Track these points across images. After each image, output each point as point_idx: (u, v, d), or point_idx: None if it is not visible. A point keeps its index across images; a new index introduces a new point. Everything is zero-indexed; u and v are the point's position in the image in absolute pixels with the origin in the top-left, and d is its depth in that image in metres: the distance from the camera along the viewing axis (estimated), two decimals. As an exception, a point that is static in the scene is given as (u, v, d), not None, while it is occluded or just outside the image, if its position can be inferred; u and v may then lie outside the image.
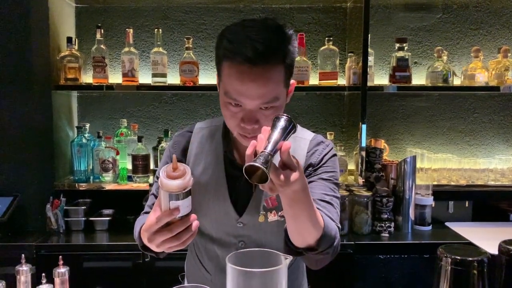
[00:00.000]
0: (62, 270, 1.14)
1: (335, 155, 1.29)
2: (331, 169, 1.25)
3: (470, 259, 0.87)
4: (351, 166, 2.60)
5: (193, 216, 1.02)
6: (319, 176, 1.23)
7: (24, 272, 1.14)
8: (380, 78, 2.70)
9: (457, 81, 2.54)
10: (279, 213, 1.21)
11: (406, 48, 2.47)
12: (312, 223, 1.04)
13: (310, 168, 1.24)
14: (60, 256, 1.12)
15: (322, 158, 1.25)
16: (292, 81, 1.17)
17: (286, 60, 1.08)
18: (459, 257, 0.87)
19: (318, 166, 1.24)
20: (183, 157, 1.30)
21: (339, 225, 1.19)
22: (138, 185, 2.41)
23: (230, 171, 1.26)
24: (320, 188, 1.20)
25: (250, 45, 1.01)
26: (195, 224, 1.03)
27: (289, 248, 1.11)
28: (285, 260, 0.94)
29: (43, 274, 1.13)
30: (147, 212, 1.32)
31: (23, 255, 1.13)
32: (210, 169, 1.27)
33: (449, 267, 0.88)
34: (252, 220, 1.23)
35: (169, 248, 1.05)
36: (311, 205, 1.02)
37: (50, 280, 1.22)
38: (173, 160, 0.99)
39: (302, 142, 1.28)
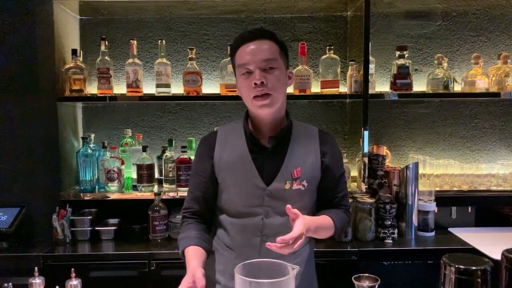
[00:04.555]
0: (74, 282, 1.16)
1: (339, 147, 1.64)
2: (341, 162, 1.61)
3: (474, 268, 0.89)
4: (354, 173, 2.62)
5: None
6: (337, 173, 1.56)
7: (37, 285, 1.16)
8: (381, 86, 2.72)
9: (457, 88, 2.56)
10: (302, 182, 1.47)
11: (406, 55, 2.50)
12: (326, 233, 1.49)
13: (327, 156, 1.53)
14: (73, 269, 1.14)
15: (334, 152, 1.56)
16: (289, 70, 1.53)
17: (278, 41, 1.46)
18: (463, 266, 0.89)
19: (333, 159, 1.55)
20: (211, 151, 1.54)
21: (349, 204, 1.63)
22: (143, 194, 2.43)
23: (254, 149, 1.49)
24: (339, 185, 1.58)
25: (248, 32, 1.46)
26: None
27: None
28: (293, 271, 0.97)
29: (57, 287, 1.15)
30: (187, 215, 1.56)
31: (36, 267, 1.15)
32: (235, 150, 1.50)
33: (453, 276, 0.89)
34: (278, 187, 1.46)
35: None
36: (322, 229, 1.46)
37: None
38: None
39: (313, 130, 1.58)
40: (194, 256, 1.39)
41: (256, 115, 1.49)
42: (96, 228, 2.38)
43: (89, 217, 2.39)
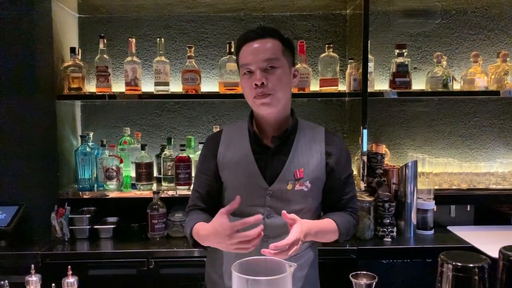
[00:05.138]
0: (71, 280, 1.16)
1: (346, 147, 1.61)
2: (348, 163, 1.56)
3: (471, 265, 0.89)
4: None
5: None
6: (343, 175, 1.52)
7: (34, 283, 1.16)
8: (380, 84, 2.72)
9: (456, 86, 2.56)
10: (305, 183, 1.45)
11: (405, 54, 2.50)
12: (330, 237, 1.46)
13: (333, 157, 1.50)
14: (69, 266, 1.14)
15: (340, 152, 1.52)
16: (295, 68, 1.50)
17: (282, 38, 1.44)
18: (460, 264, 0.89)
19: (339, 160, 1.51)
20: (215, 150, 1.54)
21: (356, 206, 1.58)
22: (142, 192, 2.43)
23: (257, 149, 1.48)
24: (346, 187, 1.54)
25: (251, 31, 1.44)
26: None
27: None
28: (290, 268, 0.96)
29: (53, 285, 1.15)
30: (192, 209, 1.56)
31: (32, 265, 1.15)
32: (239, 150, 1.50)
33: (451, 274, 0.89)
34: (281, 187, 1.45)
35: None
36: (324, 232, 1.43)
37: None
38: None
39: (319, 130, 1.55)
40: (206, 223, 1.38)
41: (260, 115, 1.48)
42: (95, 227, 2.38)
43: (87, 216, 2.38)
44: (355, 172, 2.58)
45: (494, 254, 1.02)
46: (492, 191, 2.49)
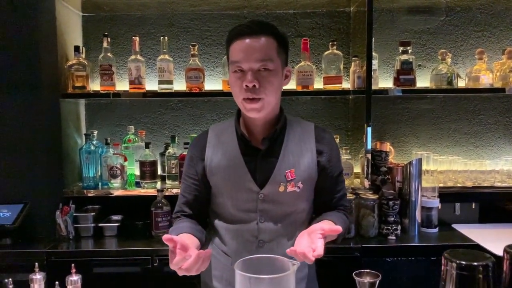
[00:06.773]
0: (74, 278, 1.17)
1: (337, 144, 1.56)
2: (339, 161, 1.51)
3: (475, 264, 0.88)
4: (357, 169, 2.61)
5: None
6: (335, 173, 1.48)
7: (38, 281, 1.16)
8: (384, 81, 2.71)
9: (461, 83, 2.55)
10: (297, 184, 1.40)
11: (410, 51, 2.48)
12: (331, 237, 1.31)
13: (324, 155, 1.45)
14: (73, 264, 1.14)
15: (331, 150, 1.47)
16: (287, 68, 1.43)
17: (277, 36, 1.35)
18: (464, 262, 0.88)
19: (331, 158, 1.46)
20: (202, 152, 1.47)
21: (348, 204, 1.55)
22: (146, 191, 2.44)
23: (246, 151, 1.42)
24: (337, 185, 1.50)
25: (245, 25, 1.35)
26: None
27: None
28: (293, 266, 0.96)
29: (57, 283, 1.15)
30: (178, 216, 1.51)
31: (36, 263, 1.15)
32: (227, 152, 1.43)
33: (454, 272, 0.89)
34: (272, 190, 1.39)
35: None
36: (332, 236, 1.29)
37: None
38: None
39: (309, 127, 1.50)
40: (186, 239, 1.27)
41: (248, 116, 1.42)
42: (99, 225, 2.38)
43: (92, 214, 2.39)
44: (359, 170, 2.58)
45: (499, 252, 1.01)
46: (497, 189, 2.47)
